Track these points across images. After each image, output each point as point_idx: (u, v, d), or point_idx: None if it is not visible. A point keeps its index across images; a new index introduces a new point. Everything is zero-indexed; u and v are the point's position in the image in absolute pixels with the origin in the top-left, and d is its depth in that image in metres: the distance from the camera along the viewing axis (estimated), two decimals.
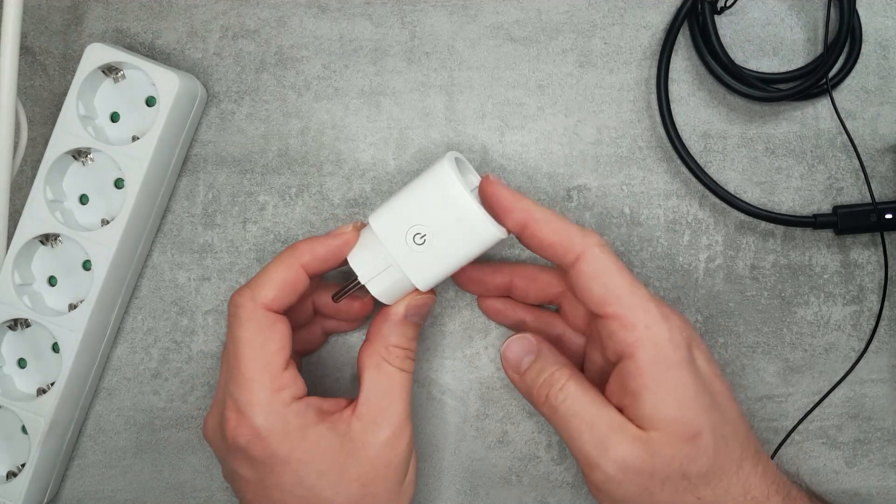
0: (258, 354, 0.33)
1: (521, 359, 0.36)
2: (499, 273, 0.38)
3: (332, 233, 0.35)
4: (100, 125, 0.39)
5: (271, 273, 0.34)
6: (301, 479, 0.33)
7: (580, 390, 0.34)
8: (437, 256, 0.34)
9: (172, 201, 0.41)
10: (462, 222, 0.33)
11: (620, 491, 0.33)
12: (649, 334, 0.32)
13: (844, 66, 0.40)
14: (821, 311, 0.41)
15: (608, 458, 0.32)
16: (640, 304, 0.33)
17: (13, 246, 0.38)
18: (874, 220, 0.40)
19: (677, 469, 0.32)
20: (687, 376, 0.33)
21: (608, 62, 0.41)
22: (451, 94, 0.41)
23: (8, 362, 0.39)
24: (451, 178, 0.33)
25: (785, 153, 0.41)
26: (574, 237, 0.33)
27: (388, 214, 0.34)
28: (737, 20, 0.41)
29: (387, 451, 0.34)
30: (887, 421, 0.41)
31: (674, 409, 0.32)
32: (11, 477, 0.39)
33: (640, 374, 0.32)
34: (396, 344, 0.35)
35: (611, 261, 0.33)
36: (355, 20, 0.41)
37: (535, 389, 0.35)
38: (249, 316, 0.33)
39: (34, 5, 0.41)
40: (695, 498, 0.33)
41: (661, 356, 0.32)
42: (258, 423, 0.33)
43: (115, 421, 0.41)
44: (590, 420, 0.33)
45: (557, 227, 0.33)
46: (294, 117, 0.41)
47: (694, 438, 0.32)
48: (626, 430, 0.32)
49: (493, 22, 0.41)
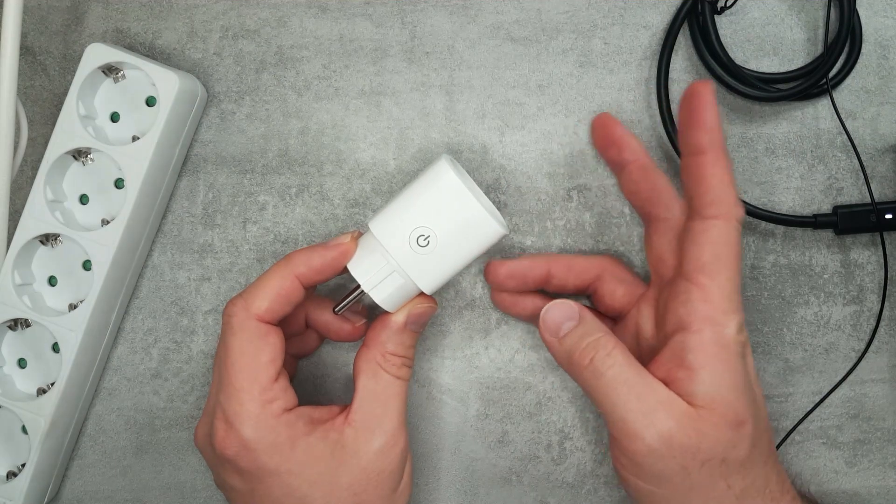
0: (249, 365, 0.33)
1: (562, 323, 0.35)
2: (535, 266, 0.38)
3: (329, 243, 0.34)
4: (100, 125, 0.39)
5: (265, 283, 0.34)
6: (291, 490, 0.33)
7: (627, 360, 0.33)
8: (442, 258, 0.34)
9: (172, 201, 0.41)
10: (467, 222, 0.33)
11: (659, 465, 0.32)
12: (724, 318, 0.32)
13: (844, 66, 0.40)
14: (821, 311, 0.41)
15: (654, 429, 0.32)
16: (730, 291, 0.33)
17: (13, 246, 0.38)
18: (874, 220, 0.40)
19: (720, 452, 0.32)
20: (742, 368, 0.33)
21: (608, 62, 0.41)
22: (451, 94, 0.41)
23: (8, 362, 0.39)
24: (453, 178, 0.33)
25: (785, 153, 0.41)
26: (730, 198, 0.33)
27: (389, 219, 0.34)
28: (737, 20, 0.41)
29: (380, 459, 0.34)
30: (887, 421, 0.41)
31: (728, 392, 0.32)
32: (11, 477, 0.39)
33: (703, 351, 0.32)
34: (394, 352, 0.35)
35: (737, 241, 0.33)
36: (355, 20, 0.41)
37: (578, 353, 0.34)
38: (242, 325, 0.33)
39: (34, 5, 0.41)
40: (726, 484, 0.32)
41: (727, 342, 0.32)
42: (247, 436, 0.32)
43: (115, 421, 0.41)
44: (638, 390, 0.32)
45: (726, 178, 0.33)
46: (294, 117, 0.41)
47: (740, 426, 0.32)
48: (675, 405, 0.32)
49: (494, 22, 0.41)
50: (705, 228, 0.33)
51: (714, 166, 0.33)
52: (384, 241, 0.34)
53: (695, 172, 0.33)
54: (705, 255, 0.33)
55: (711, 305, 0.32)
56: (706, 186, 0.33)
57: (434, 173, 0.34)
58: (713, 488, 0.32)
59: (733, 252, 0.33)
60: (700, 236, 0.33)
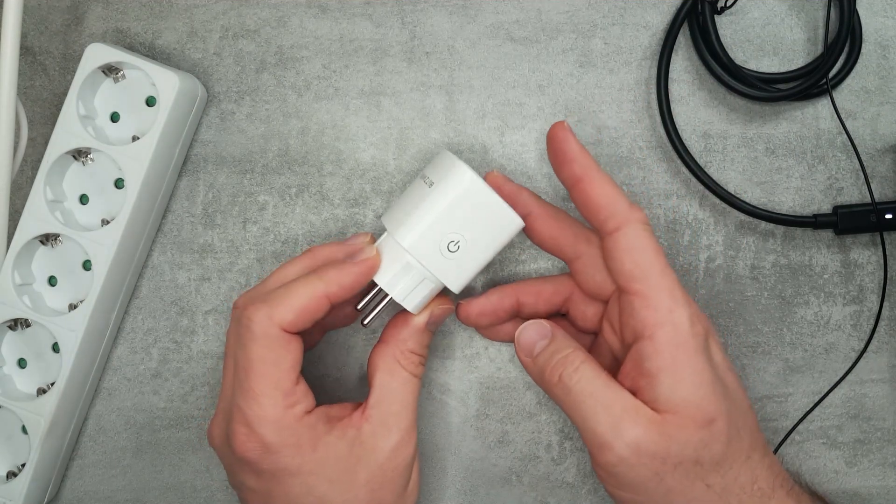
0: (270, 372, 0.33)
1: (535, 343, 0.36)
2: (505, 297, 0.38)
3: (356, 257, 0.34)
4: (100, 125, 0.39)
5: (293, 295, 0.33)
6: (310, 489, 0.33)
7: (594, 372, 0.33)
8: (471, 258, 0.34)
9: (172, 201, 0.41)
10: (492, 219, 0.34)
11: (631, 474, 0.32)
12: (671, 317, 0.32)
13: (844, 66, 0.40)
14: (821, 311, 0.41)
15: (622, 439, 0.32)
16: (667, 287, 0.33)
17: (13, 246, 0.38)
18: (874, 220, 0.40)
19: (691, 454, 0.32)
20: (704, 363, 0.33)
21: (608, 62, 0.41)
22: (451, 94, 0.41)
23: (8, 362, 0.39)
24: (475, 179, 0.33)
25: (785, 153, 0.41)
26: (622, 206, 0.33)
27: (418, 232, 0.34)
28: (737, 20, 0.41)
29: (395, 456, 0.34)
30: (887, 421, 0.41)
31: (691, 392, 0.32)
32: (11, 477, 0.39)
33: (659, 356, 0.32)
34: (413, 350, 0.35)
35: (649, 240, 0.33)
36: (355, 20, 0.41)
37: (548, 370, 0.34)
38: (265, 332, 0.32)
39: (34, 5, 0.41)
40: (704, 485, 0.32)
41: (681, 340, 0.32)
42: (269, 440, 0.32)
43: (115, 421, 0.41)
44: (604, 401, 0.33)
45: (610, 192, 0.34)
46: (294, 117, 0.41)
47: (709, 424, 0.32)
48: (640, 413, 0.32)
49: (494, 22, 0.41)
50: (615, 241, 0.33)
51: (595, 187, 0.34)
52: (415, 252, 0.34)
53: (582, 199, 0.34)
54: (626, 264, 0.33)
55: (655, 309, 0.33)
56: (596, 206, 0.34)
57: (454, 177, 0.33)
58: (692, 490, 0.32)
59: (651, 252, 0.33)
60: (614, 251, 0.33)
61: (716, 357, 0.34)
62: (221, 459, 0.35)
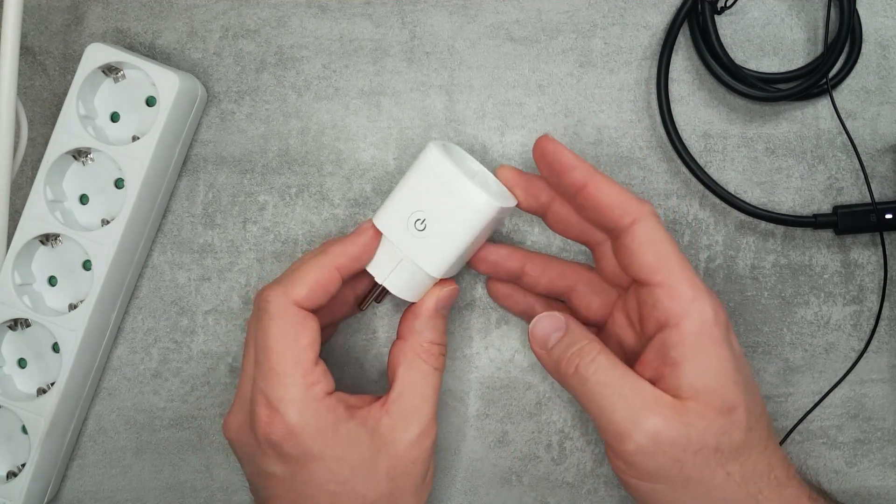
0: (290, 349, 0.33)
1: (550, 335, 0.36)
2: (511, 257, 0.38)
3: (357, 230, 0.35)
4: (100, 125, 0.39)
5: (304, 272, 0.34)
6: (334, 474, 0.33)
7: (611, 363, 0.34)
8: (441, 238, 0.34)
9: (172, 201, 0.41)
10: (457, 197, 0.33)
11: (650, 463, 0.32)
12: (695, 306, 0.33)
13: (844, 66, 0.40)
14: (821, 311, 0.41)
15: (641, 428, 0.32)
16: (689, 278, 0.33)
17: (13, 246, 0.38)
18: (874, 220, 0.40)
19: (711, 441, 0.32)
20: (728, 351, 0.33)
21: (608, 62, 0.41)
22: (451, 94, 0.41)
23: (8, 362, 0.39)
24: (436, 155, 0.34)
25: (785, 153, 0.41)
26: (632, 202, 0.34)
27: (387, 209, 0.35)
28: (737, 20, 0.41)
29: (414, 448, 0.34)
30: (887, 421, 0.41)
31: (713, 380, 0.32)
32: (11, 477, 0.39)
33: (683, 344, 0.32)
34: (431, 339, 0.36)
35: (663, 231, 0.34)
36: (355, 20, 0.41)
37: (564, 362, 0.34)
38: (281, 311, 0.33)
39: (34, 5, 0.41)
40: (724, 472, 0.32)
41: (706, 329, 0.33)
42: (292, 420, 0.33)
43: (115, 421, 0.41)
44: (622, 391, 0.33)
45: (616, 190, 0.34)
46: (294, 117, 0.41)
47: (730, 412, 0.32)
48: (660, 401, 0.32)
49: (494, 22, 0.41)
50: (632, 236, 0.34)
51: (602, 188, 0.34)
52: (386, 231, 0.34)
53: (591, 203, 0.34)
54: (648, 256, 0.33)
55: (679, 299, 0.33)
56: (607, 206, 0.34)
57: (422, 156, 0.34)
58: (712, 478, 0.32)
59: (668, 242, 0.34)
60: (632, 245, 0.34)
61: (736, 351, 0.34)
62: (238, 450, 0.35)
